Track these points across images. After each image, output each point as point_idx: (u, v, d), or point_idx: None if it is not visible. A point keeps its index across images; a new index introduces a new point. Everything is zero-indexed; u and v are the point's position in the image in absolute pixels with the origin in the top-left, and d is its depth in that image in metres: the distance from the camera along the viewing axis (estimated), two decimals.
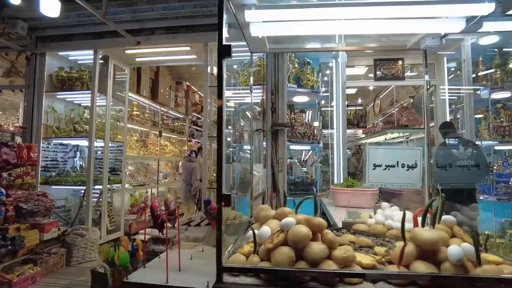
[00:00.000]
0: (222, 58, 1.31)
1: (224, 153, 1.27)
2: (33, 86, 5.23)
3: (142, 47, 5.05)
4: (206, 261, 1.98)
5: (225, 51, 1.31)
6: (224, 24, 1.32)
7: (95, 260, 4.78)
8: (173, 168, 9.32)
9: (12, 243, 3.86)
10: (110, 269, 1.83)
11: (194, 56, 5.60)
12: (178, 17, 4.84)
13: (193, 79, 9.66)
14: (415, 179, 2.15)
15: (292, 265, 1.25)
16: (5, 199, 4.18)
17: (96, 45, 5.15)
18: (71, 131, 5.34)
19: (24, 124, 5.24)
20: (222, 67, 1.32)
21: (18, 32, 4.86)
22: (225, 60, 1.34)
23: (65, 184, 5.39)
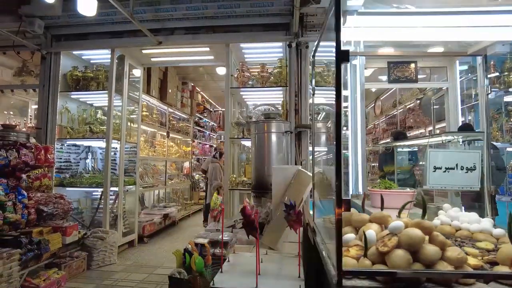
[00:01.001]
0: (340, 63, 1.32)
1: (342, 156, 1.28)
2: (48, 85, 5.11)
3: (162, 47, 4.99)
4: (278, 264, 1.98)
5: (343, 56, 1.32)
6: (341, 28, 1.33)
7: (114, 264, 4.70)
8: (177, 169, 9.25)
9: (38, 247, 3.76)
10: (187, 275, 1.80)
11: (211, 57, 5.57)
12: (199, 18, 4.81)
13: (196, 79, 9.61)
14: (474, 181, 2.20)
15: (409, 267, 1.27)
16: (27, 201, 4.07)
17: (115, 44, 5.07)
18: (86, 131, 5.24)
19: (38, 125, 5.11)
20: (340, 71, 1.32)
21: (35, 30, 4.74)
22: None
23: (80, 186, 5.29)
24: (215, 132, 12.91)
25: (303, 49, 4.70)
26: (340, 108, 1.31)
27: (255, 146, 4.14)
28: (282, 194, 2.68)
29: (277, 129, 4.02)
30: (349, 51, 1.31)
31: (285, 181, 2.68)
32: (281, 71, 4.94)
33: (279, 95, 5.51)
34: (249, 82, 5.15)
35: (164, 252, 5.36)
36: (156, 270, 4.49)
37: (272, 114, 4.16)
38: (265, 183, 3.94)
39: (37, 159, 4.49)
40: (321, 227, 1.99)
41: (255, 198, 4.06)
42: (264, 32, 4.83)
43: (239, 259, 2.06)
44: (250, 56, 5.46)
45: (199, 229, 7.29)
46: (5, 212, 3.70)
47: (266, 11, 4.59)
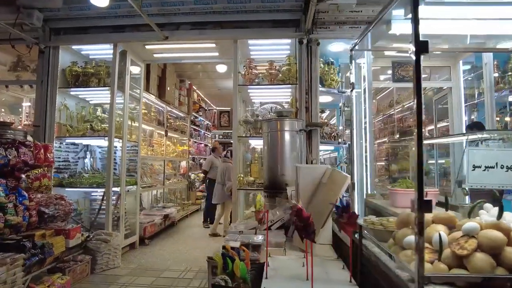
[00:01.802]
0: (420, 54, 1.23)
1: (423, 155, 1.20)
2: (46, 81, 4.87)
3: (167, 42, 4.82)
4: (321, 268, 1.88)
5: (423, 47, 1.23)
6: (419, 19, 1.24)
7: (118, 267, 4.52)
8: (174, 169, 9.05)
9: (42, 251, 3.56)
10: (232, 283, 1.69)
11: (216, 54, 5.43)
12: (207, 12, 4.67)
13: (192, 77, 9.43)
14: None
15: (493, 271, 1.20)
16: (28, 203, 3.86)
17: (118, 38, 4.87)
18: (87, 130, 5.02)
19: (36, 122, 4.87)
20: (420, 64, 1.24)
21: (33, 23, 4.50)
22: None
23: (80, 186, 5.08)
24: (210, 131, 12.74)
25: (313, 46, 4.62)
26: (420, 104, 1.23)
27: (267, 145, 4.02)
28: (310, 195, 2.59)
29: (290, 127, 3.91)
30: (428, 42, 1.22)
31: (313, 181, 2.59)
32: (290, 68, 4.85)
33: (286, 92, 5.43)
34: (255, 79, 5.04)
35: (167, 254, 5.20)
36: (163, 273, 4.34)
37: (285, 112, 4.05)
38: (279, 182, 3.84)
39: (36, 158, 4.28)
40: (367, 229, 1.91)
41: (268, 198, 3.95)
42: (273, 28, 4.72)
43: (278, 263, 1.96)
44: (256, 53, 5.34)
45: (199, 230, 7.15)
46: (6, 214, 3.49)
47: (277, 6, 4.49)
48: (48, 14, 4.74)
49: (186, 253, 5.27)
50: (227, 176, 6.54)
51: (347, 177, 2.30)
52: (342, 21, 4.59)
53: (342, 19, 4.54)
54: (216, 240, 6.17)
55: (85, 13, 4.71)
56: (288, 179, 3.84)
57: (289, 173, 3.87)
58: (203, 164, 7.95)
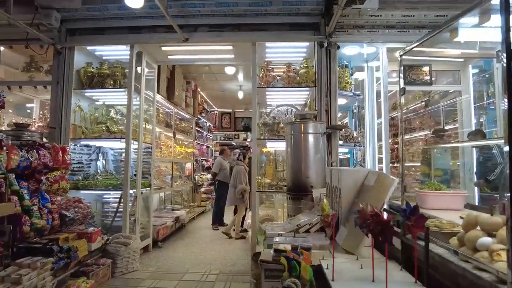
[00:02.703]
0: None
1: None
2: (62, 82, 4.81)
3: (185, 44, 4.80)
4: (380, 270, 1.91)
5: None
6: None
7: (137, 271, 4.48)
8: (179, 170, 9.00)
9: (68, 255, 3.51)
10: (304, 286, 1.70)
11: (232, 56, 5.44)
12: (226, 15, 4.68)
13: (197, 78, 9.40)
14: None
15: None
16: (51, 206, 3.81)
17: (136, 39, 4.83)
18: (103, 131, 4.97)
19: (52, 123, 4.80)
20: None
21: (51, 23, 4.46)
22: None
23: (95, 188, 5.02)
24: (211, 132, 12.70)
25: (332, 49, 4.67)
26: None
27: (291, 147, 4.05)
28: (352, 198, 2.62)
29: (314, 129, 3.95)
30: None
31: (355, 185, 2.62)
32: (308, 71, 4.88)
33: (300, 95, 5.47)
34: (272, 82, 5.07)
35: (183, 257, 5.16)
36: (184, 276, 4.31)
37: (308, 115, 4.08)
38: (304, 185, 3.88)
39: (55, 160, 4.22)
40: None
41: (292, 200, 3.98)
42: (291, 31, 4.76)
43: (336, 266, 1.98)
44: (270, 55, 5.35)
45: (209, 232, 7.13)
46: (32, 217, 3.45)
47: (298, 10, 4.52)
48: (65, 14, 4.69)
49: (201, 256, 5.24)
50: (238, 179, 6.55)
51: (394, 180, 2.33)
52: (360, 25, 4.65)
53: (361, 23, 4.60)
54: (230, 242, 6.16)
55: (103, 14, 4.67)
56: (313, 181, 3.87)
57: (314, 175, 3.91)
58: (213, 166, 7.92)
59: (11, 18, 3.93)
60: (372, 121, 5.82)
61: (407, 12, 4.43)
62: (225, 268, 4.66)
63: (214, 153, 12.87)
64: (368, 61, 5.90)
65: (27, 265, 3.07)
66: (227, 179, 7.53)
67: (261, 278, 2.24)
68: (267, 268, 2.17)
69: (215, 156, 12.98)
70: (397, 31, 4.67)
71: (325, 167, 3.99)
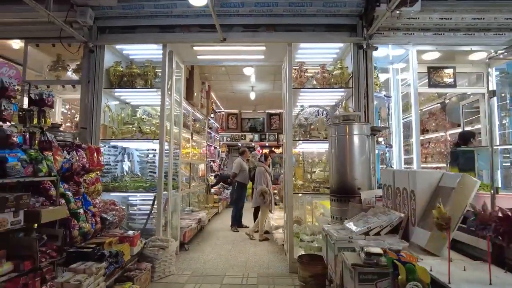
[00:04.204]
0: None
1: None
2: (93, 81, 4.68)
3: (221, 44, 4.73)
4: (479, 272, 1.89)
5: None
6: None
7: (173, 274, 4.39)
8: (193, 172, 8.88)
9: (116, 260, 3.41)
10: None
11: (262, 57, 5.39)
12: (263, 15, 4.63)
13: (208, 78, 9.32)
14: None
15: None
16: (93, 209, 3.70)
17: (169, 38, 4.73)
18: (135, 132, 4.85)
19: (82, 124, 4.67)
20: None
21: (86, 21, 4.35)
22: None
23: (125, 190, 4.91)
24: (218, 133, 12.60)
25: (369, 51, 4.67)
26: None
27: (335, 149, 4.03)
28: (426, 200, 2.60)
29: (359, 131, 3.94)
30: None
31: (430, 187, 2.61)
32: (343, 72, 4.87)
33: (334, 96, 5.45)
34: (305, 83, 5.04)
35: (214, 260, 5.08)
36: (223, 279, 4.24)
37: (352, 116, 4.07)
38: (350, 187, 3.85)
39: (90, 161, 4.11)
40: None
41: (337, 202, 3.95)
42: (327, 32, 4.74)
43: (437, 268, 1.95)
44: (301, 56, 5.32)
45: (229, 233, 7.05)
46: (79, 221, 3.35)
47: (337, 11, 4.51)
48: (97, 12, 4.56)
49: (231, 258, 5.17)
50: (258, 180, 6.51)
51: (477, 182, 2.33)
52: (396, 27, 4.67)
53: (398, 25, 4.61)
54: (254, 244, 6.10)
55: (138, 12, 4.57)
56: (360, 183, 3.86)
57: (360, 177, 3.89)
58: (233, 167, 7.84)
59: (50, 16, 3.80)
60: (398, 122, 5.85)
61: (445, 15, 4.46)
62: (261, 270, 4.61)
63: (221, 154, 12.78)
64: (394, 63, 5.92)
65: (82, 271, 2.97)
66: (246, 180, 7.48)
67: (343, 282, 2.19)
68: (361, 272, 2.13)
69: (221, 157, 12.91)
70: (432, 34, 4.70)
71: (369, 167, 3.98)
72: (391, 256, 1.93)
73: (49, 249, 2.94)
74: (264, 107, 12.94)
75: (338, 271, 2.59)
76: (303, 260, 3.87)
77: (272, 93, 10.53)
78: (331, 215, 4.06)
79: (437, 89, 6.14)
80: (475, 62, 5.97)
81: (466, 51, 5.38)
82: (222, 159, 12.92)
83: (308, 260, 3.89)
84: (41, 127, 3.18)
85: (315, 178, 5.35)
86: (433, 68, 6.03)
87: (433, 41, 4.73)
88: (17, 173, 2.66)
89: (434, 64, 5.96)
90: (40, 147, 3.12)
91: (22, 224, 2.64)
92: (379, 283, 2.14)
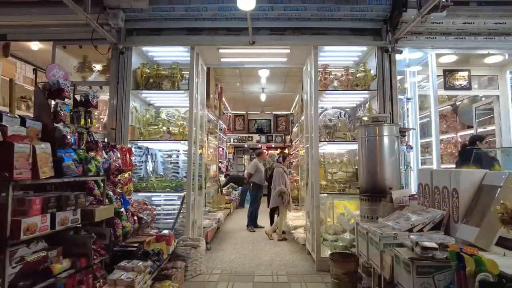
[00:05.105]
0: None
1: None
2: (122, 83, 4.75)
3: (248, 47, 4.82)
4: None
5: None
6: None
7: (204, 273, 4.46)
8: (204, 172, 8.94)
9: (157, 258, 3.48)
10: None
11: (284, 59, 5.49)
12: (290, 19, 4.73)
13: (219, 80, 9.40)
14: None
15: None
16: (132, 209, 3.76)
17: (197, 41, 4.81)
18: (163, 133, 4.92)
19: (111, 125, 4.72)
20: None
21: (118, 23, 4.41)
22: None
23: (152, 191, 4.97)
24: (225, 134, 12.67)
25: (392, 54, 4.79)
26: None
27: (365, 150, 4.13)
28: (470, 198, 2.71)
29: (389, 132, 4.04)
30: None
31: (473, 185, 2.71)
32: (366, 74, 4.99)
33: (356, 98, 5.55)
34: (329, 85, 5.15)
35: (238, 259, 5.15)
36: (254, 278, 4.32)
37: (381, 118, 4.18)
38: (381, 187, 3.95)
39: (123, 162, 4.16)
40: None
41: (367, 201, 4.05)
42: (352, 35, 4.85)
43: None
44: (323, 59, 5.41)
45: (246, 233, 7.13)
46: (122, 221, 3.42)
47: (364, 16, 4.62)
48: (128, 14, 4.63)
49: (255, 258, 5.25)
50: (277, 180, 6.59)
51: None
52: (419, 32, 4.78)
53: (421, 29, 4.73)
54: (273, 244, 6.18)
55: (168, 15, 4.64)
56: (390, 183, 3.97)
57: (390, 177, 4.00)
58: (248, 167, 7.93)
59: (88, 18, 3.87)
60: (415, 125, 5.99)
61: (468, 20, 4.59)
62: (288, 269, 4.69)
63: (228, 155, 12.85)
64: (409, 66, 6.06)
65: (130, 268, 3.04)
66: (262, 181, 7.56)
67: (394, 276, 2.28)
68: (419, 265, 2.23)
69: (228, 158, 12.98)
70: (453, 38, 4.83)
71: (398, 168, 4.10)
72: (453, 249, 2.04)
73: (99, 248, 3.00)
74: (271, 108, 13.05)
75: (386, 266, 2.69)
76: (335, 258, 3.96)
77: (281, 95, 10.64)
78: (360, 214, 4.16)
79: (453, 91, 6.30)
80: (491, 66, 6.15)
81: (482, 54, 5.56)
82: (229, 160, 12.99)
83: (339, 258, 3.98)
84: (87, 127, 3.24)
85: (336, 178, 5.44)
86: (448, 71, 6.19)
87: (455, 45, 4.86)
88: (72, 172, 2.72)
89: (450, 67, 6.12)
90: (86, 147, 3.18)
91: (79, 223, 2.71)
92: (436, 276, 2.23)
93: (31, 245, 2.33)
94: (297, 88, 9.62)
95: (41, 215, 2.29)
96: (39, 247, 2.40)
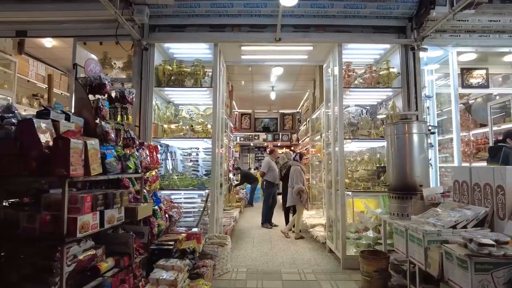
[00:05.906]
0: None
1: None
2: (146, 80, 4.69)
3: (272, 44, 4.78)
4: None
5: None
6: None
7: (230, 271, 4.43)
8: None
9: (193, 257, 3.44)
10: None
11: (305, 57, 5.46)
12: (315, 16, 4.70)
13: (232, 78, 9.37)
14: None
15: None
16: (163, 206, 3.72)
17: (221, 38, 4.76)
18: (187, 131, 4.88)
19: (134, 122, 4.66)
20: None
21: (143, 19, 4.36)
22: None
23: (176, 188, 4.93)
24: (232, 133, 12.62)
25: (416, 52, 4.78)
26: None
27: (394, 147, 4.12)
28: None
29: (418, 130, 4.03)
30: None
31: None
32: (389, 72, 4.97)
33: (378, 95, 5.53)
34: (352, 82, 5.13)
35: (260, 257, 5.12)
36: (282, 276, 4.30)
37: (409, 115, 4.17)
38: (412, 184, 3.94)
39: (151, 159, 4.11)
40: None
41: (397, 199, 4.04)
42: (376, 33, 4.84)
43: None
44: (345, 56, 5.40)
45: (262, 231, 7.11)
46: (157, 219, 3.37)
47: (390, 13, 4.61)
48: (152, 10, 4.57)
49: (276, 256, 5.22)
50: (295, 179, 6.56)
51: None
52: (443, 30, 4.78)
53: (445, 27, 4.72)
54: (291, 242, 6.16)
55: (193, 11, 4.59)
56: (420, 181, 3.96)
57: (420, 175, 4.00)
58: (262, 166, 7.90)
59: (117, 13, 3.82)
60: (434, 122, 6.01)
61: (494, 17, 4.59)
62: (313, 267, 4.67)
63: (234, 153, 12.79)
64: (428, 64, 6.05)
65: (170, 267, 3.01)
66: (275, 179, 7.54)
67: (444, 273, 2.26)
68: (477, 261, 2.21)
69: (235, 157, 12.93)
70: (477, 36, 4.83)
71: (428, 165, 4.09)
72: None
73: (138, 246, 2.96)
74: (277, 107, 13.03)
75: (434, 262, 2.67)
76: (366, 255, 3.95)
77: (289, 93, 10.61)
78: (389, 211, 4.15)
79: (470, 89, 6.31)
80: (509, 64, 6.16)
81: (502, 52, 5.56)
82: (235, 159, 12.94)
83: (370, 255, 3.97)
84: (123, 124, 3.19)
85: (357, 177, 5.43)
86: (466, 69, 6.19)
87: (479, 43, 4.86)
88: (114, 169, 2.67)
89: (467, 65, 6.12)
90: (123, 144, 3.13)
91: (124, 220, 2.66)
92: (494, 273, 2.22)
93: (81, 243, 2.28)
94: (307, 87, 9.61)
95: (92, 213, 2.25)
96: (88, 246, 2.35)
